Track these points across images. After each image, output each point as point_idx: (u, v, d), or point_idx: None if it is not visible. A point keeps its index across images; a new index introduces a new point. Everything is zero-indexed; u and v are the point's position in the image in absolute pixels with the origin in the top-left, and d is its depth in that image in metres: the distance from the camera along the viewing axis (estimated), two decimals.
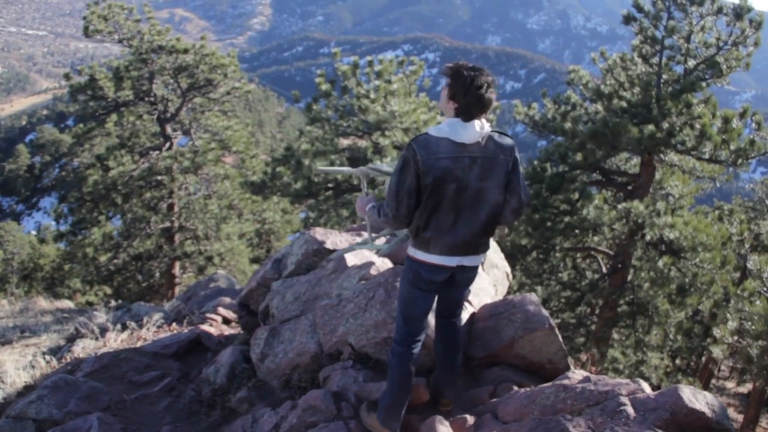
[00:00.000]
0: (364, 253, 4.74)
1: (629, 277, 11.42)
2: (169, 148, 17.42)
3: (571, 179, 11.39)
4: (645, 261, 10.81)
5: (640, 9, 10.63)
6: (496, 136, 3.14)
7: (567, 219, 11.13)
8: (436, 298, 3.47)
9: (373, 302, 3.96)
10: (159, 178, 17.22)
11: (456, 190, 3.06)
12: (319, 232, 5.11)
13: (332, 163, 13.52)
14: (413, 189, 3.06)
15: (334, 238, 5.04)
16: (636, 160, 12.13)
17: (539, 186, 11.64)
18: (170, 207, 18.03)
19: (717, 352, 9.22)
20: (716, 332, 8.16)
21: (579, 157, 11.46)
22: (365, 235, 5.18)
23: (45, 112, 79.98)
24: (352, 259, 4.63)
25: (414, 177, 3.04)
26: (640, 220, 10.29)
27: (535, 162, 12.39)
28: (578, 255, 13.83)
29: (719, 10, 9.87)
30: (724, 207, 13.88)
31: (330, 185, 14.19)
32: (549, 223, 11.13)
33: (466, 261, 3.25)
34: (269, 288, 4.94)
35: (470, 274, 3.41)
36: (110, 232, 17.62)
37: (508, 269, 5.37)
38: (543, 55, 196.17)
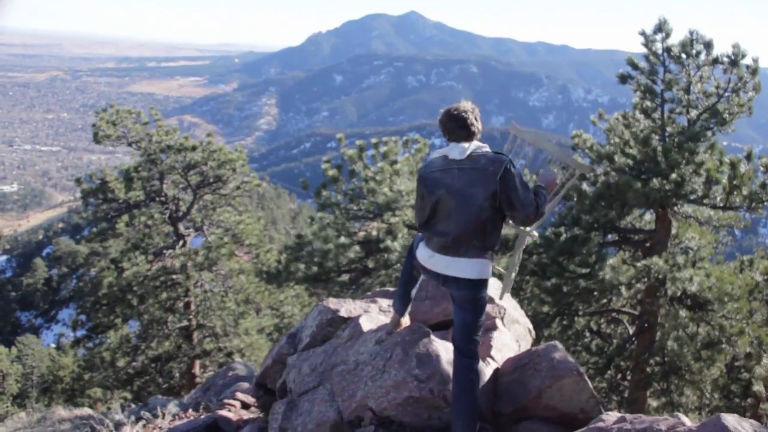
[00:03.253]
0: (379, 318, 4.63)
1: (657, 336, 11.10)
2: (183, 246, 17.49)
3: (585, 241, 11.23)
4: (671, 318, 10.52)
5: (635, 66, 10.73)
6: (490, 153, 3.74)
7: (584, 282, 10.92)
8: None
9: (391, 362, 3.82)
10: (174, 277, 17.22)
11: (446, 194, 3.69)
12: (332, 302, 5.00)
13: (343, 246, 13.55)
14: (418, 205, 3.94)
15: (348, 306, 4.93)
16: (650, 217, 12.00)
17: (553, 252, 11.49)
18: (187, 305, 17.94)
19: (759, 389, 8.86)
20: (758, 370, 7.83)
21: (591, 218, 11.35)
22: (380, 301, 5.08)
23: (61, 225, 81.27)
24: (367, 324, 4.50)
25: (418, 194, 3.92)
26: (660, 276, 10.08)
27: (548, 229, 12.28)
28: (602, 319, 13.51)
29: (715, 60, 9.95)
30: (745, 258, 13.66)
31: (344, 269, 14.12)
32: (566, 288, 10.92)
33: (454, 267, 3.67)
34: (285, 364, 4.80)
35: (464, 291, 3.70)
36: (127, 334, 17.50)
37: (530, 325, 5.22)
38: (548, 131, 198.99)
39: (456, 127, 3.82)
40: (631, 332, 12.21)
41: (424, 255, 3.83)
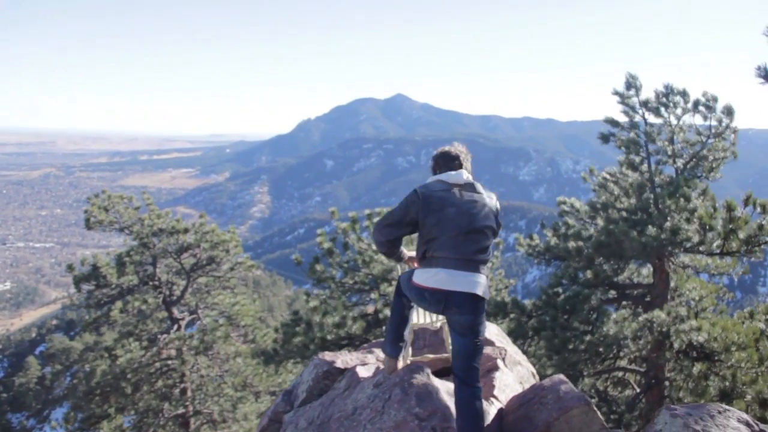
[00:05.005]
0: (377, 368, 4.46)
1: (666, 392, 10.81)
2: (177, 330, 17.18)
3: (585, 298, 11.09)
4: (678, 371, 10.27)
5: (615, 124, 10.85)
6: (478, 186, 4.08)
7: (588, 338, 10.72)
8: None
9: (390, 403, 3.65)
10: (169, 362, 16.86)
11: (455, 213, 3.83)
12: (328, 355, 4.84)
13: (344, 319, 13.41)
14: (401, 221, 3.96)
15: (344, 358, 4.76)
16: (647, 271, 11.89)
17: (554, 311, 11.33)
18: (183, 392, 17.47)
19: None
20: None
21: (589, 274, 11.25)
22: (377, 352, 4.91)
23: (55, 321, 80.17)
24: (364, 373, 4.33)
25: (405, 212, 3.94)
26: (664, 329, 9.90)
27: (547, 290, 12.15)
28: (608, 380, 13.20)
29: (694, 106, 10.07)
30: (746, 311, 13.50)
31: (344, 342, 13.88)
32: (571, 346, 10.70)
33: (462, 282, 3.71)
34: (282, 422, 4.59)
35: (466, 316, 3.72)
36: (121, 425, 16.94)
37: (533, 369, 5.04)
38: (539, 204, 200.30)
39: (450, 159, 4.12)
40: (638, 389, 11.90)
41: (426, 276, 3.80)
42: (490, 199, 4.03)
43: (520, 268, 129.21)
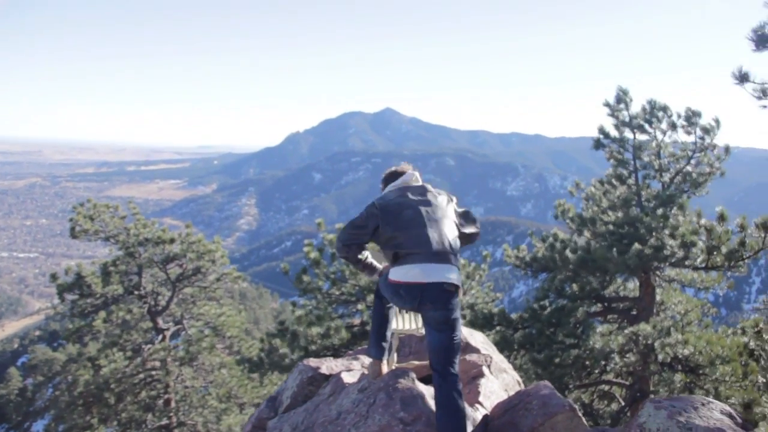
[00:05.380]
0: (363, 374, 4.45)
1: None
2: (162, 340, 17.06)
3: (570, 311, 11.11)
4: (663, 384, 10.30)
5: (606, 135, 10.93)
6: (428, 186, 4.34)
7: (575, 352, 10.73)
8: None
9: (374, 407, 3.62)
10: (153, 373, 16.71)
11: (415, 212, 4.05)
12: (312, 361, 4.81)
13: (329, 330, 13.35)
14: (363, 227, 4.14)
15: (329, 364, 4.74)
16: (633, 285, 11.93)
17: (540, 325, 11.35)
18: (167, 402, 17.30)
19: None
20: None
21: (575, 287, 11.28)
22: (362, 359, 4.89)
23: (38, 332, 79.23)
24: (349, 378, 4.31)
25: (365, 222, 4.13)
26: (650, 342, 9.93)
27: (534, 303, 12.17)
28: (594, 393, 13.20)
29: (673, 124, 10.16)
30: (730, 329, 13.56)
31: (329, 353, 13.82)
32: (557, 359, 10.71)
33: (437, 273, 3.81)
34: (266, 429, 4.55)
35: (441, 312, 3.79)
36: None
37: (518, 378, 5.04)
38: (527, 219, 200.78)
39: (398, 174, 4.47)
40: (623, 403, 11.92)
41: (401, 272, 3.89)
42: (441, 195, 4.30)
43: (506, 282, 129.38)
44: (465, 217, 4.32)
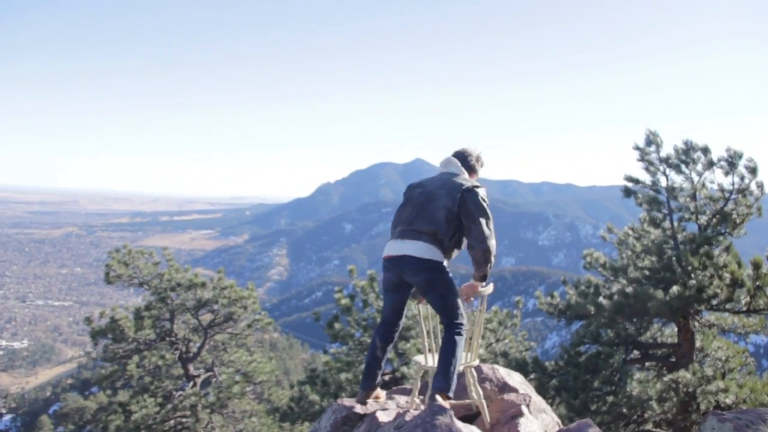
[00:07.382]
0: (398, 409, 4.37)
1: None
2: (193, 387, 17.01)
3: (608, 357, 10.86)
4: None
5: (635, 181, 10.81)
6: (458, 178, 4.56)
7: (611, 399, 10.45)
8: None
9: None
10: (184, 420, 16.63)
11: (417, 194, 4.60)
12: (347, 400, 4.73)
13: (359, 376, 13.22)
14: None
15: None
16: (671, 331, 11.65)
17: (575, 370, 11.10)
18: None
19: None
20: None
21: (612, 333, 11.05)
22: (397, 398, 4.82)
23: (70, 380, 79.65)
24: (384, 417, 4.23)
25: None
26: (690, 390, 9.65)
27: (569, 349, 11.93)
28: None
29: (711, 164, 10.01)
30: None
31: None
32: (593, 406, 10.43)
33: (406, 247, 4.38)
34: None
35: (418, 276, 4.36)
36: None
37: (558, 419, 4.90)
38: (558, 269, 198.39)
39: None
40: None
41: (385, 248, 4.63)
42: (454, 180, 4.55)
43: (539, 333, 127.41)
44: (462, 206, 4.42)
